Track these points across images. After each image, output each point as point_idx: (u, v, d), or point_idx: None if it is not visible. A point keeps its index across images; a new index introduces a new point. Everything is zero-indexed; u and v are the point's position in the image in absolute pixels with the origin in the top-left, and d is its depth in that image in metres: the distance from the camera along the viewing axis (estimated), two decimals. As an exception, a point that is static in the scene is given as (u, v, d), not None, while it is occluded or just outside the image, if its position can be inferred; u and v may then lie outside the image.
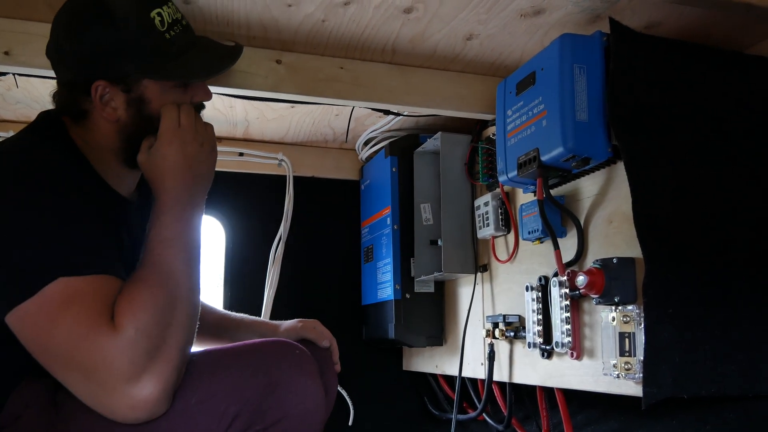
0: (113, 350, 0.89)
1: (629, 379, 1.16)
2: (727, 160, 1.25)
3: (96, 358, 0.89)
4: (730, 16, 1.34)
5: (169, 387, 0.91)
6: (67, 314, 0.91)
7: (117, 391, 0.89)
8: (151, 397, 0.89)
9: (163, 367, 0.90)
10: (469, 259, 1.75)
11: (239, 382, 0.92)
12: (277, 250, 2.09)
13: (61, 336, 0.90)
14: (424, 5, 1.35)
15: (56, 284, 0.91)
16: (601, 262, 1.22)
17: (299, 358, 0.96)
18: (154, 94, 1.12)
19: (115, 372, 0.89)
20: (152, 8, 1.10)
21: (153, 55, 1.10)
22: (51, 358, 0.92)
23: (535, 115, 1.30)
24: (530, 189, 1.42)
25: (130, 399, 0.89)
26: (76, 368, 0.90)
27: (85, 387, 0.91)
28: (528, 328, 1.44)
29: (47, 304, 0.91)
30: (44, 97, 1.76)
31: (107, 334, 0.90)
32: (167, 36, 1.11)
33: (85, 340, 0.90)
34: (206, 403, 0.91)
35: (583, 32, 1.28)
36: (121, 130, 1.13)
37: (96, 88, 1.09)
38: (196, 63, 1.14)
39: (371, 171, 2.15)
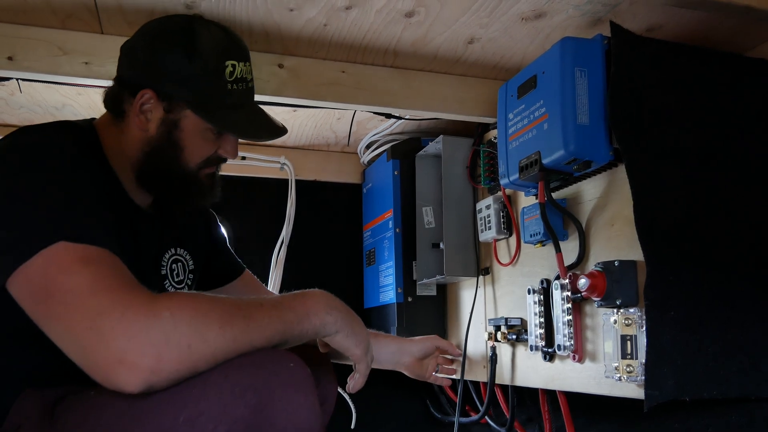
0: (138, 316, 0.86)
1: (631, 381, 1.16)
2: (728, 163, 1.25)
3: (113, 316, 0.86)
4: (730, 19, 1.35)
5: (163, 379, 0.87)
6: (84, 269, 0.90)
7: (114, 355, 0.85)
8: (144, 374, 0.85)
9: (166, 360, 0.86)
10: (471, 262, 1.76)
11: (228, 400, 0.88)
12: (280, 254, 2.09)
13: (74, 283, 0.88)
14: (425, 9, 1.35)
15: (58, 246, 0.90)
16: (603, 265, 1.22)
17: (292, 373, 0.92)
18: (189, 127, 1.17)
19: (125, 336, 0.85)
20: (230, 59, 1.19)
21: (207, 95, 1.17)
22: (53, 308, 0.89)
23: (536, 118, 1.30)
24: (532, 192, 1.42)
25: (124, 367, 0.85)
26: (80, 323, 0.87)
27: (81, 342, 0.87)
28: (530, 331, 1.45)
29: (57, 259, 0.90)
30: (47, 102, 1.77)
31: (139, 297, 0.88)
32: (229, 87, 1.19)
33: (108, 293, 0.88)
34: (194, 421, 0.87)
35: (584, 36, 1.29)
36: (146, 142, 1.17)
37: (143, 94, 1.15)
38: (239, 121, 1.21)
39: (373, 174, 2.15)
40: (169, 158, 1.18)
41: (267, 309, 0.97)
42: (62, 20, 1.36)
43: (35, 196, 0.96)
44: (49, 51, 1.37)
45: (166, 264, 1.28)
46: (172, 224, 1.31)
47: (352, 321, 1.08)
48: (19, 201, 0.95)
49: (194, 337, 0.88)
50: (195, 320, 0.89)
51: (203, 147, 1.21)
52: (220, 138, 1.22)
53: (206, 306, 0.92)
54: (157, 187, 1.21)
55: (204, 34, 1.19)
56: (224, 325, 0.91)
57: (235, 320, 0.93)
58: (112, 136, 1.18)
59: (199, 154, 1.21)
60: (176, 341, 0.87)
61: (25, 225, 0.93)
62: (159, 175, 1.19)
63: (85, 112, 1.84)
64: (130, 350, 0.85)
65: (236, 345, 0.92)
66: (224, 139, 1.23)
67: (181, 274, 1.31)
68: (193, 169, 1.21)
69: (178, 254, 1.31)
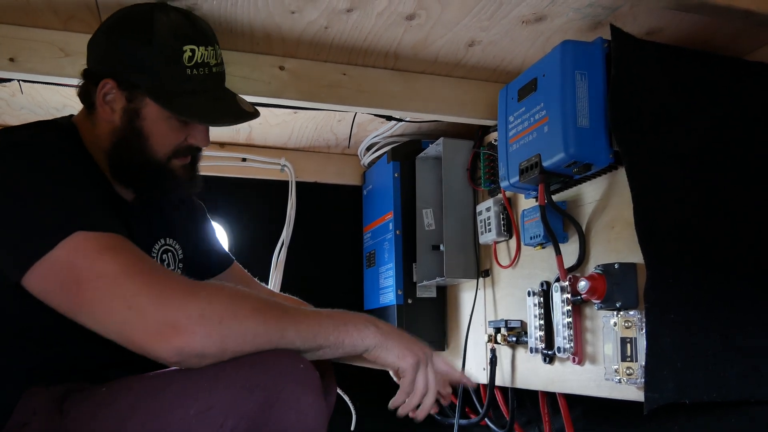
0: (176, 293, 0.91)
1: (631, 384, 1.16)
2: (728, 165, 1.25)
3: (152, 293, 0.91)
4: (730, 23, 1.35)
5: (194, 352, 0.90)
6: (112, 255, 0.93)
7: (153, 327, 0.90)
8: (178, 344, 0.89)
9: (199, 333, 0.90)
10: (471, 264, 1.76)
11: (238, 396, 0.90)
12: (280, 255, 2.09)
13: (105, 269, 0.91)
14: (426, 12, 1.36)
15: (77, 236, 0.92)
16: (603, 268, 1.22)
17: (302, 373, 0.94)
18: (151, 115, 1.16)
19: (163, 310, 0.90)
20: (189, 43, 1.16)
21: (164, 82, 1.14)
22: (86, 294, 0.92)
23: (536, 121, 1.30)
24: (532, 194, 1.42)
25: (162, 338, 0.89)
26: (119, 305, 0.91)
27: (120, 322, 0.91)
28: (530, 333, 1.45)
29: (81, 248, 0.92)
30: (48, 103, 1.78)
31: (174, 278, 0.94)
32: (188, 72, 1.16)
33: (142, 275, 0.92)
34: (204, 415, 0.89)
35: (584, 39, 1.29)
36: (113, 133, 1.16)
37: (104, 84, 1.14)
38: (200, 106, 1.17)
39: (373, 176, 2.15)
40: (135, 148, 1.16)
41: (304, 312, 1.00)
42: (64, 22, 1.36)
43: (39, 192, 0.97)
44: (51, 52, 1.38)
45: (157, 254, 1.27)
46: (160, 215, 1.31)
47: (396, 336, 1.07)
48: (23, 199, 0.96)
49: (226, 316, 0.92)
50: (231, 301, 0.93)
51: (170, 135, 1.18)
52: (188, 126, 1.19)
53: (243, 293, 0.97)
54: (128, 178, 1.19)
55: (162, 20, 1.16)
56: (258, 312, 0.94)
57: (270, 310, 0.96)
58: (88, 130, 1.17)
59: (166, 142, 1.18)
60: (209, 317, 0.90)
61: (36, 221, 0.94)
62: (129, 166, 1.17)
63: (86, 113, 1.84)
64: (168, 324, 0.89)
65: (267, 331, 0.94)
66: (192, 127, 1.20)
67: (171, 264, 1.31)
68: (163, 159, 1.18)
69: (168, 244, 1.31)
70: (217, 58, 1.22)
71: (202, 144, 1.22)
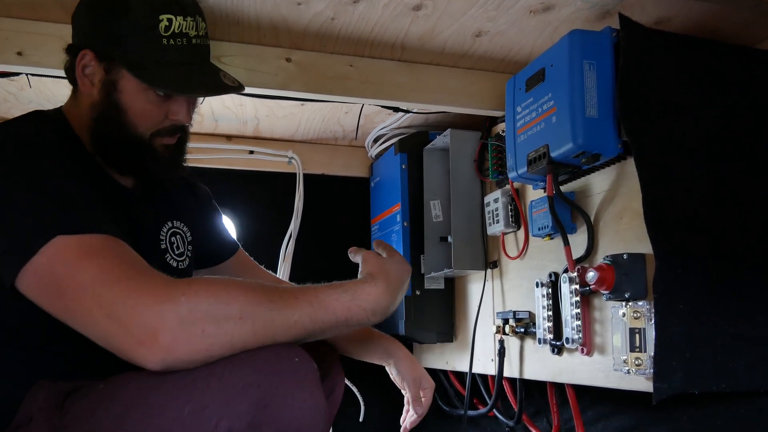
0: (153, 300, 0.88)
1: (640, 374, 1.16)
2: (737, 155, 1.24)
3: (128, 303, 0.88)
4: (739, 12, 1.34)
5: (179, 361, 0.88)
6: (90, 262, 0.91)
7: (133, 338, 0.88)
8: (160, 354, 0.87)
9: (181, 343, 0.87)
10: (479, 255, 1.76)
11: (231, 394, 0.88)
12: (288, 247, 2.10)
13: (83, 279, 0.90)
14: (433, 2, 1.35)
15: (56, 241, 0.91)
16: (612, 258, 1.22)
17: (297, 368, 0.91)
18: (128, 87, 1.12)
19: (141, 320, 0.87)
20: (165, 12, 1.11)
21: (140, 52, 1.10)
22: (68, 304, 0.91)
23: (544, 111, 1.30)
24: (540, 185, 1.42)
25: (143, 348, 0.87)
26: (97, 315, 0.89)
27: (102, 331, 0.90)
28: (538, 324, 1.45)
29: (60, 255, 0.91)
30: (57, 97, 1.78)
31: (152, 282, 0.90)
32: (164, 42, 1.11)
33: (118, 283, 0.89)
34: (198, 414, 0.87)
35: (592, 28, 1.28)
36: (93, 108, 1.13)
37: (83, 56, 1.12)
38: (176, 78, 1.12)
39: (381, 168, 2.15)
40: (114, 123, 1.12)
41: (299, 303, 0.95)
42: (71, 15, 1.36)
43: (25, 193, 0.95)
44: (59, 46, 1.36)
45: (165, 238, 1.25)
46: (166, 199, 1.29)
47: None
48: (10, 200, 0.95)
49: (209, 324, 0.88)
50: (212, 307, 0.89)
51: (148, 110, 1.13)
52: (168, 101, 1.14)
53: (227, 294, 0.91)
54: (111, 156, 1.15)
55: None
56: (244, 317, 0.90)
57: (257, 310, 0.92)
58: (76, 113, 1.15)
59: (145, 117, 1.13)
60: (190, 325, 0.87)
61: (20, 225, 0.93)
62: (110, 143, 1.13)
63: (93, 106, 1.85)
64: (147, 333, 0.87)
65: (256, 338, 0.91)
66: (173, 102, 1.15)
67: (181, 247, 1.29)
68: (143, 135, 1.14)
69: (175, 227, 1.29)
70: (199, 30, 1.16)
71: (183, 120, 1.16)
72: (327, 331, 0.98)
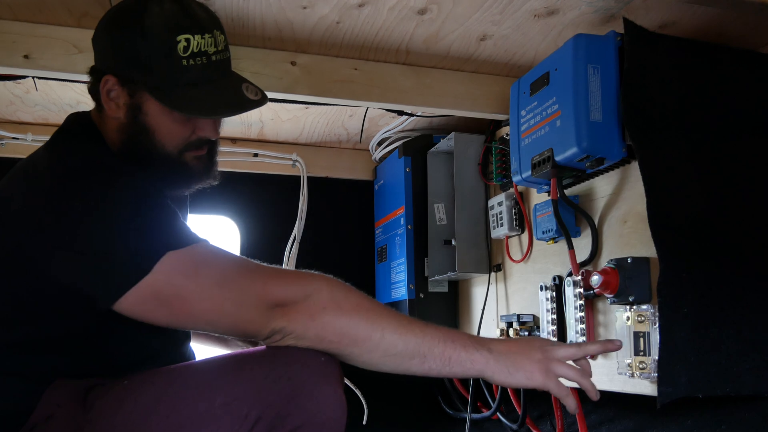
0: (281, 281, 1.00)
1: (644, 378, 1.16)
2: (742, 159, 1.24)
3: (257, 287, 0.99)
4: (744, 15, 1.34)
5: (310, 337, 0.98)
6: (208, 268, 0.99)
7: (265, 320, 0.99)
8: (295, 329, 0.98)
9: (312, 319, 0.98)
10: (483, 258, 1.76)
11: (263, 386, 0.93)
12: (292, 251, 2.10)
13: (207, 282, 0.98)
14: (437, 6, 1.35)
15: (169, 257, 0.96)
16: (616, 262, 1.22)
17: (324, 365, 0.97)
18: (152, 110, 1.12)
19: (273, 294, 0.99)
20: (182, 33, 1.10)
21: (161, 75, 1.10)
22: (193, 308, 0.98)
23: (549, 115, 1.30)
24: (544, 189, 1.42)
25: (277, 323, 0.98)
26: (229, 308, 0.99)
27: (234, 322, 1.00)
28: (542, 328, 1.45)
29: (177, 268, 0.97)
30: (62, 100, 1.79)
31: (268, 269, 1.02)
32: (184, 63, 1.10)
33: (240, 276, 1.00)
34: (230, 405, 0.92)
35: (596, 32, 1.29)
36: (121, 130, 1.15)
37: (105, 81, 1.12)
38: (199, 99, 1.12)
39: (385, 171, 2.16)
40: (143, 143, 1.14)
41: (410, 318, 1.07)
42: (77, 19, 1.37)
43: (119, 217, 0.98)
44: (65, 49, 1.39)
45: None
46: None
47: (508, 354, 1.05)
48: (102, 227, 0.97)
49: (329, 302, 0.99)
50: (331, 291, 1.01)
51: (175, 129, 1.14)
52: (193, 118, 1.15)
53: (349, 286, 1.04)
54: (146, 173, 1.15)
55: (154, 11, 1.10)
56: (360, 304, 1.03)
57: (372, 305, 1.04)
58: (103, 123, 1.17)
59: (172, 136, 1.14)
60: (312, 304, 0.98)
61: (124, 248, 0.96)
62: (142, 161, 1.14)
63: (99, 109, 1.85)
64: (276, 312, 0.98)
65: (367, 325, 1.01)
66: (199, 119, 1.16)
67: None
68: (174, 152, 1.15)
69: None
70: (218, 44, 1.14)
71: (211, 136, 1.18)
72: (435, 358, 1.05)
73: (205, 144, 1.19)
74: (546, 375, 1.04)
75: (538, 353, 1.05)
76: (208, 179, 1.23)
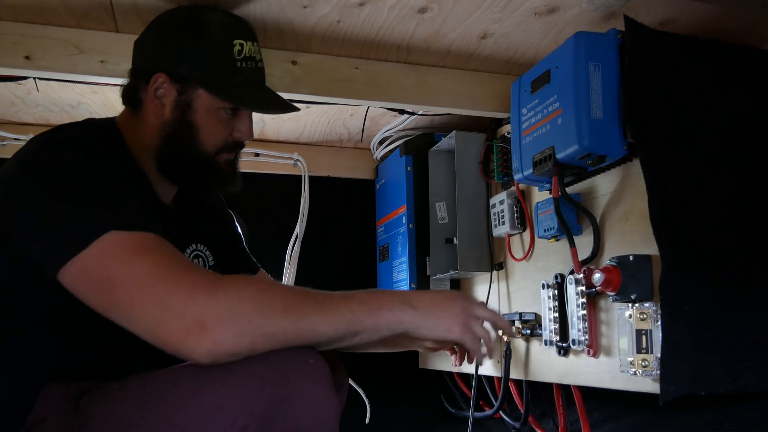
0: (205, 292, 0.92)
1: (646, 376, 1.16)
2: (743, 156, 1.24)
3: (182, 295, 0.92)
4: (745, 12, 1.34)
5: (223, 352, 0.91)
6: (143, 257, 0.94)
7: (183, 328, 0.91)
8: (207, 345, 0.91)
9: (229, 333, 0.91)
10: (484, 257, 1.76)
11: (248, 393, 0.90)
12: (293, 250, 2.10)
13: (137, 273, 0.93)
14: (438, 5, 1.35)
15: (110, 236, 0.94)
16: (618, 260, 1.22)
17: (312, 369, 0.94)
18: (202, 106, 1.19)
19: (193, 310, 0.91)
20: (237, 38, 1.21)
21: (218, 74, 1.19)
22: (119, 297, 0.94)
23: (550, 113, 1.30)
24: (546, 187, 1.42)
25: (192, 338, 0.91)
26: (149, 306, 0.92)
27: (151, 323, 0.93)
28: (544, 326, 1.45)
29: (113, 250, 0.94)
30: (63, 101, 1.79)
31: (202, 276, 0.94)
32: (238, 65, 1.21)
33: (172, 276, 0.93)
34: (215, 413, 0.90)
35: (597, 30, 1.28)
36: (163, 128, 1.19)
37: (156, 78, 1.17)
38: (250, 97, 1.23)
39: (386, 170, 2.16)
40: (186, 141, 1.19)
41: (336, 298, 0.99)
42: (78, 19, 1.37)
43: (77, 189, 0.98)
44: (66, 50, 1.39)
45: (188, 258, 1.29)
46: (193, 221, 1.33)
47: (432, 308, 1.05)
48: (61, 196, 0.98)
49: (256, 314, 0.92)
50: (258, 298, 0.94)
51: (218, 128, 1.21)
52: (234, 119, 1.23)
53: (271, 288, 0.97)
54: (177, 172, 1.21)
55: (210, 16, 1.22)
56: (287, 308, 0.95)
57: (300, 305, 0.96)
58: (133, 129, 1.20)
59: (214, 135, 1.21)
60: (238, 317, 0.91)
61: (72, 218, 0.96)
62: (178, 160, 1.20)
63: (100, 109, 1.86)
64: (197, 323, 0.90)
65: (298, 328, 0.95)
66: (238, 120, 1.23)
67: None
68: (211, 152, 1.21)
69: (198, 250, 1.33)
70: (260, 54, 1.27)
71: (247, 137, 1.25)
72: (366, 330, 1.00)
73: (237, 147, 1.26)
74: (463, 330, 1.06)
75: (458, 308, 1.07)
76: (233, 183, 1.28)
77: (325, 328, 0.96)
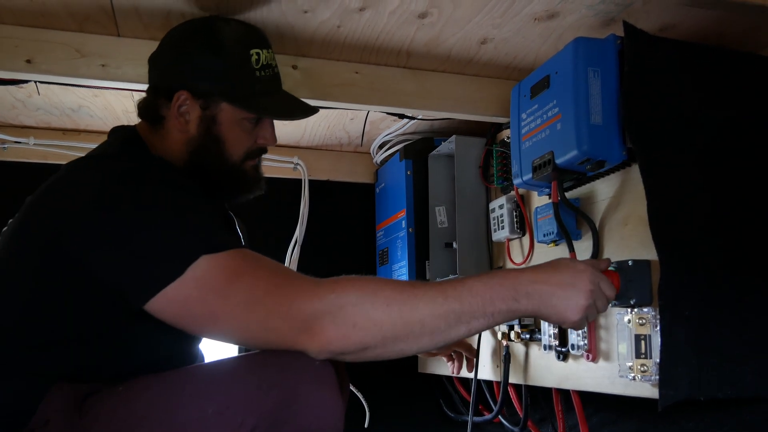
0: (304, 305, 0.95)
1: (645, 381, 1.16)
2: (743, 162, 1.25)
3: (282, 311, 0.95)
4: (744, 18, 1.34)
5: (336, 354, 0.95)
6: (238, 284, 0.96)
7: (291, 341, 0.95)
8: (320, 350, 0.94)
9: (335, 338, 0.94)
10: (484, 261, 1.76)
11: (255, 395, 0.92)
12: (293, 254, 2.10)
13: (235, 302, 0.95)
14: (438, 10, 1.36)
15: (201, 262, 0.95)
16: (617, 265, 1.22)
17: (318, 370, 0.96)
18: (226, 119, 1.21)
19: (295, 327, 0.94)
20: (254, 47, 1.24)
21: (239, 85, 1.21)
22: (222, 326, 0.97)
23: (549, 118, 1.30)
24: (545, 192, 1.42)
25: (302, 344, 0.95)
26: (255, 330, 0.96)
27: (259, 343, 0.97)
28: (543, 331, 1.45)
29: (209, 281, 0.95)
30: (64, 104, 1.79)
31: (299, 286, 0.97)
32: (257, 74, 1.23)
33: (268, 297, 0.96)
34: (223, 414, 0.91)
35: (597, 36, 1.29)
36: (189, 143, 1.21)
37: (178, 96, 1.19)
38: (274, 105, 1.26)
39: (386, 174, 2.16)
40: (213, 154, 1.21)
41: (445, 290, 0.99)
42: (79, 23, 1.38)
43: (156, 215, 0.99)
44: (67, 54, 1.39)
45: None
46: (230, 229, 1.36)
47: (551, 298, 1.03)
48: (143, 225, 0.98)
49: (359, 316, 0.94)
50: (360, 299, 0.95)
51: (243, 138, 1.24)
52: (257, 127, 1.26)
53: (373, 286, 0.98)
54: (207, 183, 1.22)
55: (224, 28, 1.23)
56: (390, 303, 0.96)
57: (404, 298, 0.97)
58: (158, 144, 1.21)
59: (240, 145, 1.24)
60: (342, 321, 0.94)
61: (160, 247, 0.97)
62: (207, 172, 1.22)
63: (100, 113, 1.86)
64: (303, 335, 0.94)
65: (404, 322, 0.96)
66: (261, 128, 1.26)
67: None
68: (238, 162, 1.24)
69: None
70: (275, 60, 1.29)
71: (270, 143, 1.29)
72: (475, 319, 0.99)
73: (261, 153, 1.30)
74: (577, 323, 1.06)
75: (582, 296, 1.04)
76: (259, 187, 1.32)
77: (432, 320, 0.97)
